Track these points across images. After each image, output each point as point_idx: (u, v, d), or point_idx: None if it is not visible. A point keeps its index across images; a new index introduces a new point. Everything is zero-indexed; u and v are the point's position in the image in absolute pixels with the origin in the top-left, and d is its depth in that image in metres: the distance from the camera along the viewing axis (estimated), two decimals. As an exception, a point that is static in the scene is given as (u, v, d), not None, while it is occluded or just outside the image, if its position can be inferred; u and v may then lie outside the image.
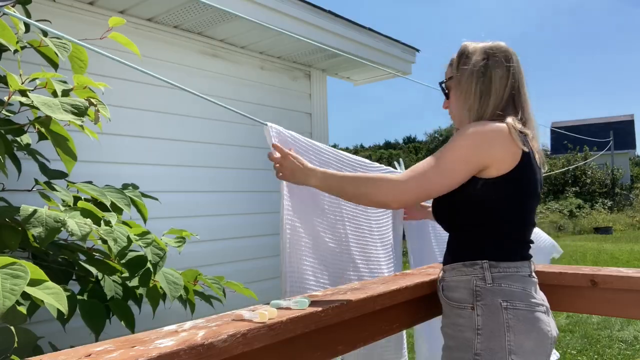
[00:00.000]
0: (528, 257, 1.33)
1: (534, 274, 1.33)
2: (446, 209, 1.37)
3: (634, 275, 1.44)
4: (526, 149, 1.27)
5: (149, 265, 1.60)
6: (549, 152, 29.54)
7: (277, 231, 3.46)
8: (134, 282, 1.62)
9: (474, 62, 1.34)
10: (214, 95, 3.05)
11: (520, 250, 1.32)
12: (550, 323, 1.27)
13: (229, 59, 3.19)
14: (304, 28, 3.08)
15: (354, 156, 1.84)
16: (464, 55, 1.38)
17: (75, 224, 1.31)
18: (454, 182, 1.26)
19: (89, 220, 1.35)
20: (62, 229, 1.28)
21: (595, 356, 4.25)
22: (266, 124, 1.51)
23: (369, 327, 1.30)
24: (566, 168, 19.83)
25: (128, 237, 1.50)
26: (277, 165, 1.46)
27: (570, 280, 1.55)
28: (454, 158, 1.25)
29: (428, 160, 1.27)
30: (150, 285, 1.63)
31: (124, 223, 1.64)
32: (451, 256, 1.37)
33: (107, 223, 1.48)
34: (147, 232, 1.63)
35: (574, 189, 21.01)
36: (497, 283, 1.26)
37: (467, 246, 1.33)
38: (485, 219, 1.30)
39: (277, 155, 1.46)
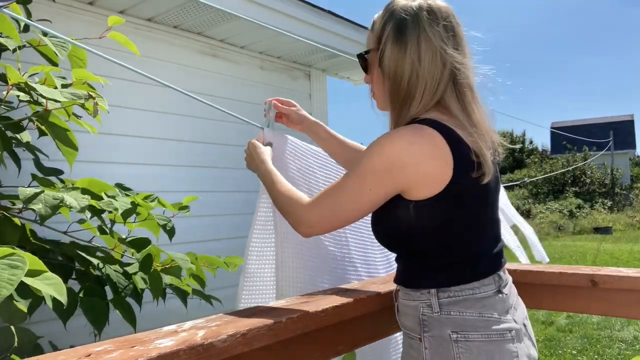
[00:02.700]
0: (491, 271, 1.09)
1: (504, 289, 1.10)
2: (384, 235, 1.13)
3: (633, 275, 1.43)
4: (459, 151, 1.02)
5: (150, 248, 1.61)
6: (549, 153, 29.56)
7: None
8: (135, 268, 1.62)
9: None
10: (213, 95, 3.05)
11: (478, 266, 1.09)
12: (519, 349, 1.04)
13: (228, 59, 3.19)
14: (304, 28, 3.08)
15: None
16: None
17: (74, 199, 1.31)
18: (369, 209, 1.07)
19: (87, 196, 1.36)
20: (61, 204, 1.27)
21: (595, 356, 4.25)
22: (263, 128, 1.50)
23: (369, 327, 1.30)
24: (566, 169, 19.85)
25: (132, 202, 1.49)
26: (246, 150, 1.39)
27: (570, 280, 1.54)
28: (364, 179, 1.04)
29: (339, 182, 1.07)
30: (151, 270, 1.63)
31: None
32: (399, 277, 1.17)
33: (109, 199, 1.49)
34: (150, 195, 1.64)
35: (573, 189, 21.02)
36: (446, 311, 1.05)
37: (412, 269, 1.12)
38: (429, 243, 1.07)
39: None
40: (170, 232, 1.56)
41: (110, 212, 1.45)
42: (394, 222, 1.08)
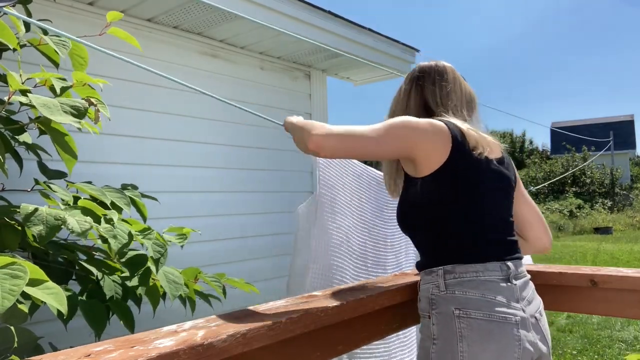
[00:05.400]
0: (496, 258, 1.22)
1: (515, 280, 1.21)
2: (399, 214, 1.35)
3: (633, 275, 1.44)
4: (459, 142, 1.23)
5: (149, 264, 1.60)
6: (549, 153, 29.55)
7: (277, 231, 3.44)
8: (134, 282, 1.62)
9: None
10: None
11: (484, 251, 1.22)
12: (523, 335, 1.14)
13: (228, 59, 3.19)
14: (304, 28, 3.08)
15: None
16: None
17: (76, 221, 1.31)
18: (381, 150, 1.21)
19: (89, 218, 1.36)
20: (62, 226, 1.28)
21: (596, 356, 4.25)
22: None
23: (368, 327, 1.30)
24: (567, 171, 19.83)
25: (129, 234, 1.49)
26: None
27: (570, 280, 1.54)
28: (387, 128, 1.21)
29: (365, 126, 1.23)
30: (150, 284, 1.63)
31: (124, 221, 1.65)
32: (417, 265, 1.34)
33: (109, 221, 1.48)
34: (148, 228, 1.63)
35: (573, 189, 21.02)
36: (451, 290, 1.20)
37: (425, 253, 1.31)
38: (434, 221, 1.25)
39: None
40: (160, 265, 1.56)
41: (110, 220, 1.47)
42: (405, 202, 1.32)
